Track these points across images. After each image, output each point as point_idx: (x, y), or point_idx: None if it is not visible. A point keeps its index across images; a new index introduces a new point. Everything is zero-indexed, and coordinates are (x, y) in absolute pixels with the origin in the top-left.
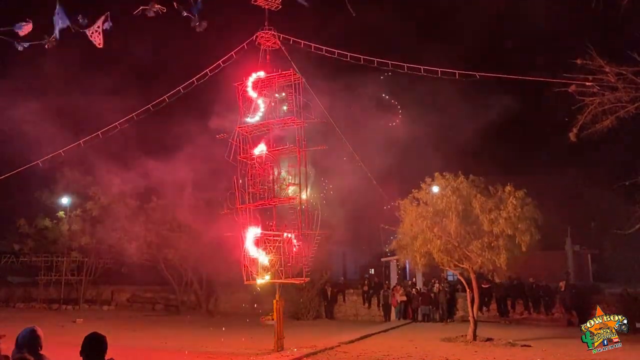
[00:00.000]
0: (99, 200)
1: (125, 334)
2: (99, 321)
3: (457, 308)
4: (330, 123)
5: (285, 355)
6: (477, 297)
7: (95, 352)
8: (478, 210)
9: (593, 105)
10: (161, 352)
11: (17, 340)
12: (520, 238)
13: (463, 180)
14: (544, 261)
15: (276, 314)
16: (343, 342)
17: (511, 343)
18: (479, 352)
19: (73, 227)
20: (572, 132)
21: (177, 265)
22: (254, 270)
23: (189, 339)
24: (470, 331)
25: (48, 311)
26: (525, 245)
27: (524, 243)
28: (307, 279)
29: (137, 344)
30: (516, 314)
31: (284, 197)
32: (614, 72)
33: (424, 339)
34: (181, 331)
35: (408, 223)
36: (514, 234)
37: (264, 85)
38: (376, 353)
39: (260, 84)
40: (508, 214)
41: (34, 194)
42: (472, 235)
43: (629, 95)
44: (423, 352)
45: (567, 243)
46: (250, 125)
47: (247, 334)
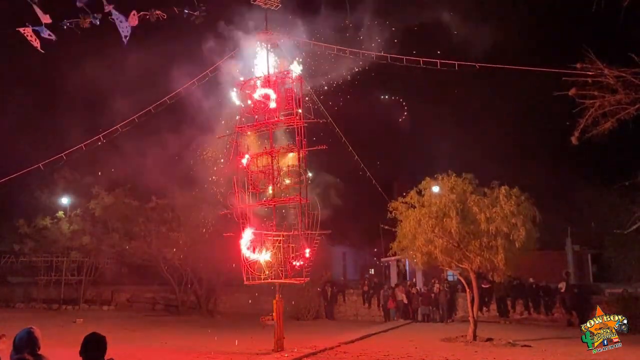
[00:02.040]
0: (102, 200)
1: (125, 334)
2: (99, 321)
3: (457, 308)
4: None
5: (285, 355)
6: (477, 297)
7: (95, 352)
8: (475, 209)
9: (594, 107)
10: (161, 352)
11: (14, 341)
12: (514, 234)
13: (456, 179)
14: (544, 261)
15: (276, 314)
16: (343, 342)
17: (511, 343)
18: (479, 352)
19: (73, 227)
20: (573, 136)
21: (177, 265)
22: (254, 270)
23: (189, 339)
24: (470, 331)
25: (48, 311)
26: (520, 242)
27: (519, 240)
28: (307, 279)
29: (137, 344)
30: (516, 314)
31: (283, 197)
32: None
33: (424, 339)
34: (181, 331)
35: (407, 223)
36: (510, 232)
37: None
38: (376, 353)
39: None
40: (503, 210)
41: (34, 194)
42: (471, 235)
43: (629, 97)
44: (423, 352)
45: (567, 243)
46: (249, 125)
47: (247, 334)
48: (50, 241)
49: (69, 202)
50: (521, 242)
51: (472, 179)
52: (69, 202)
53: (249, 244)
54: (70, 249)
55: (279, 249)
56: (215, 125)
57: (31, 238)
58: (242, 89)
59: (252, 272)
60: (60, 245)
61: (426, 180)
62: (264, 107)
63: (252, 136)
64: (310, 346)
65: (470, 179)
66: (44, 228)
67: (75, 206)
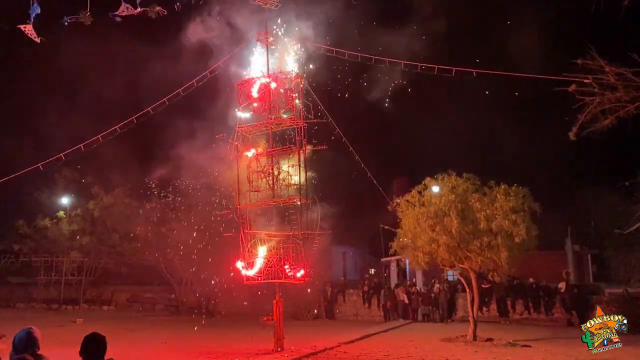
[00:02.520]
0: (102, 201)
1: (125, 334)
2: (99, 321)
3: (457, 308)
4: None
5: (285, 355)
6: (477, 297)
7: (94, 353)
8: (476, 206)
9: (593, 104)
10: (161, 352)
11: (14, 341)
12: (515, 230)
13: (457, 178)
14: (544, 261)
15: (276, 314)
16: (343, 342)
17: (511, 343)
18: (479, 352)
19: (73, 227)
20: (572, 132)
21: (177, 265)
22: (254, 270)
23: (188, 339)
24: (470, 331)
25: (48, 311)
26: (520, 237)
27: (519, 236)
28: (307, 279)
29: (137, 344)
30: (516, 314)
31: (283, 197)
32: (614, 72)
33: (424, 339)
34: (181, 331)
35: (408, 223)
36: (511, 229)
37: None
38: (376, 353)
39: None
40: (503, 207)
41: (34, 194)
42: (471, 234)
43: (629, 95)
44: (423, 352)
45: (567, 243)
46: (250, 125)
47: (247, 334)
48: (50, 241)
49: (69, 202)
50: (521, 238)
51: (473, 178)
52: (69, 202)
53: (244, 264)
54: (70, 249)
55: (279, 249)
56: (215, 125)
57: (31, 238)
58: (242, 88)
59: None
60: (60, 245)
61: (427, 179)
62: (263, 107)
63: (253, 136)
64: (310, 346)
65: (472, 179)
66: (44, 228)
67: (75, 206)
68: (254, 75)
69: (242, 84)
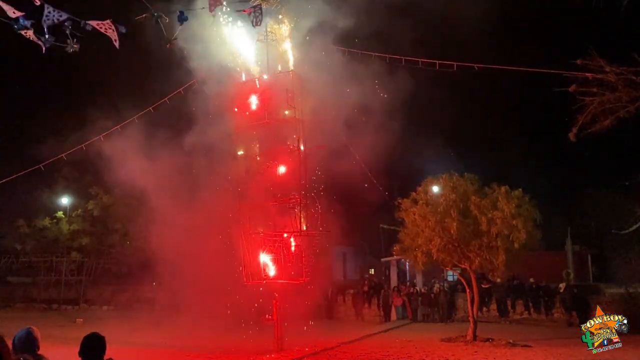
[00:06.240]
0: (101, 200)
1: (125, 334)
2: (99, 321)
3: (457, 308)
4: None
5: (285, 355)
6: (477, 297)
7: (94, 353)
8: (476, 210)
9: (593, 105)
10: (161, 352)
11: (13, 341)
12: (515, 236)
13: (458, 178)
14: (544, 261)
15: (276, 314)
16: (343, 342)
17: (511, 343)
18: (479, 352)
19: (73, 227)
20: (571, 132)
21: (177, 265)
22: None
23: (188, 339)
24: (470, 331)
25: (48, 311)
26: (519, 243)
27: (518, 241)
28: (307, 279)
29: (137, 344)
30: (516, 314)
31: (283, 196)
32: (614, 72)
33: (424, 339)
34: (181, 331)
35: (409, 223)
36: (511, 233)
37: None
38: (376, 353)
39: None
40: (504, 213)
41: (34, 194)
42: (471, 235)
43: (629, 95)
44: (423, 352)
45: (567, 243)
46: (249, 125)
47: (247, 334)
48: (50, 241)
49: (69, 202)
50: (520, 244)
51: (474, 178)
52: (69, 202)
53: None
54: (70, 249)
55: (279, 249)
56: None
57: (31, 238)
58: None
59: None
60: (60, 245)
61: (428, 179)
62: (262, 106)
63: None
64: (310, 346)
65: (472, 179)
66: (44, 228)
67: (75, 206)
68: (254, 75)
69: (242, 84)
